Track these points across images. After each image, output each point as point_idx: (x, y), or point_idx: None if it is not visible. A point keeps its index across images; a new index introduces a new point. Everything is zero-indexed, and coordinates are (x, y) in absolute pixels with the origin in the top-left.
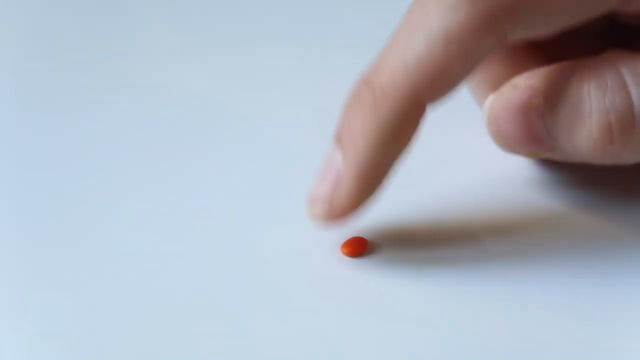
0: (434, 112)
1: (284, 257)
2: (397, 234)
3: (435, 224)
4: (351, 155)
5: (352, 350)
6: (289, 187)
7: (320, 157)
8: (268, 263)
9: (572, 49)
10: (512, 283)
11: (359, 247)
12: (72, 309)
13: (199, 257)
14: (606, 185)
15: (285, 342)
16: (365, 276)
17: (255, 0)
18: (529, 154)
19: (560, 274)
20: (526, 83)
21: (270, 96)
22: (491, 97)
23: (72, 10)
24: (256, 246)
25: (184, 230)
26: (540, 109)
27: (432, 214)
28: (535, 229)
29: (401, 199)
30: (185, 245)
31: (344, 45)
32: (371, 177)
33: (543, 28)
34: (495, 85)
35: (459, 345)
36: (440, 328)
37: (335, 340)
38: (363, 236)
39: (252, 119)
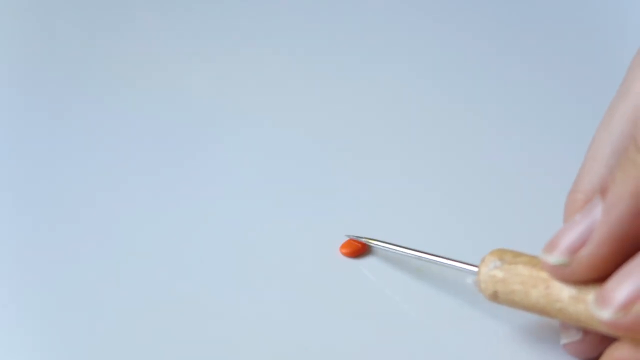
0: None
1: (283, 257)
2: (397, 234)
3: (435, 224)
4: (614, 213)
5: (351, 350)
6: (290, 187)
7: (321, 157)
8: (268, 263)
9: None
10: None
11: (358, 248)
12: (72, 307)
13: (198, 256)
14: None
15: (285, 341)
16: (365, 276)
17: (254, 1)
18: None
19: None
20: None
21: (271, 97)
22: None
23: (74, 12)
24: (256, 246)
25: (183, 230)
26: None
27: (431, 214)
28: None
29: (401, 199)
30: (184, 245)
31: (343, 45)
32: (627, 242)
33: None
34: None
35: (458, 344)
36: (439, 328)
37: (335, 339)
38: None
39: (253, 119)
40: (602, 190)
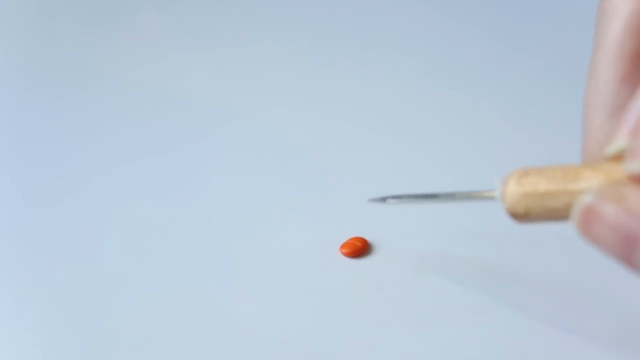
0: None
1: (283, 257)
2: (397, 234)
3: (435, 224)
4: None
5: (351, 349)
6: (290, 187)
7: (321, 157)
8: (268, 263)
9: None
10: (511, 283)
11: (358, 248)
12: (71, 306)
13: (198, 257)
14: None
15: (285, 341)
16: (365, 276)
17: (254, 1)
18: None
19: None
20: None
21: (271, 96)
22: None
23: (73, 11)
24: (256, 246)
25: (182, 229)
26: None
27: (431, 214)
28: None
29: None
30: (183, 245)
31: (343, 46)
32: None
33: None
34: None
35: (458, 344)
36: (439, 328)
37: (334, 339)
38: (363, 236)
39: (253, 118)
40: None
